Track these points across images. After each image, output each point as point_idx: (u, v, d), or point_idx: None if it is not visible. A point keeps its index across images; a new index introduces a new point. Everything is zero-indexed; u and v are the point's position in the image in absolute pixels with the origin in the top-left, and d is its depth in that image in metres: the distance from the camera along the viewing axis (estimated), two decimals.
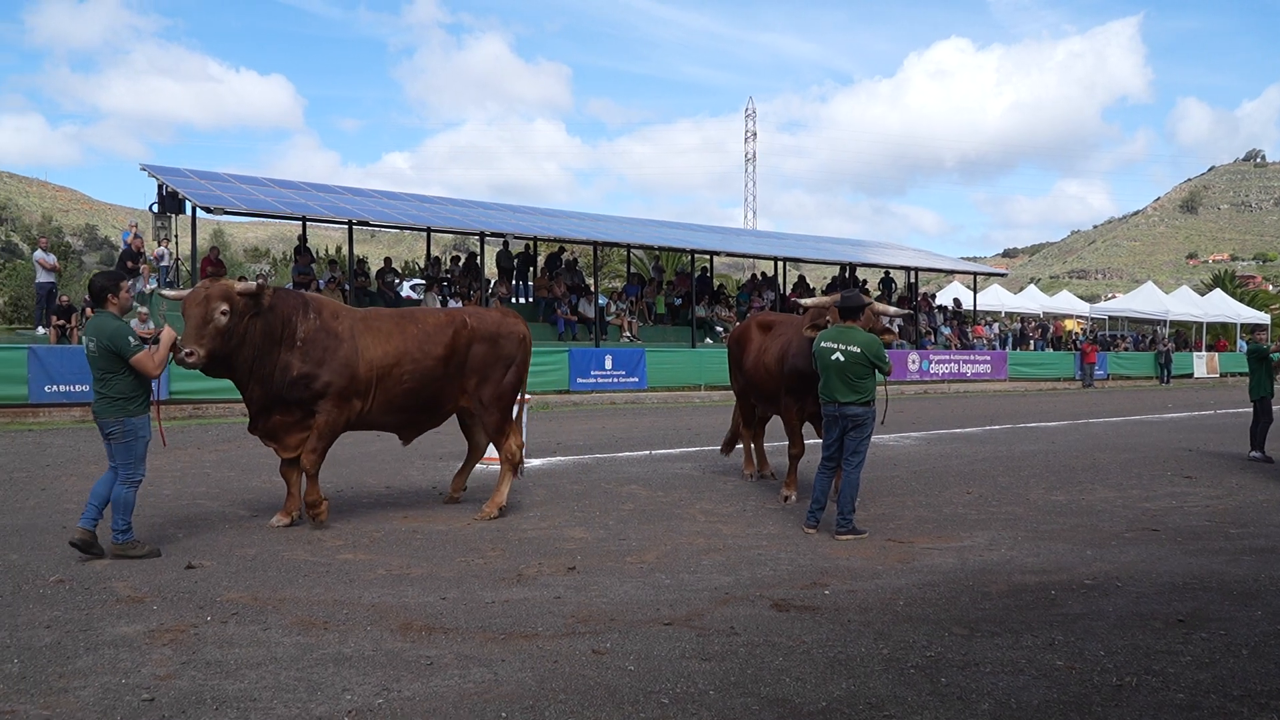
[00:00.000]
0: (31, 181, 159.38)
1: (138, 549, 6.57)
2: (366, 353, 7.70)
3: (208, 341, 6.94)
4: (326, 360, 7.51)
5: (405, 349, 7.92)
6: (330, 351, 7.54)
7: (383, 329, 7.93)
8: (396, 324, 8.07)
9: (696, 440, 14.45)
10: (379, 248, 65.42)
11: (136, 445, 6.56)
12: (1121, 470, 11.78)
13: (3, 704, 4.06)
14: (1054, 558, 7.09)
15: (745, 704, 4.19)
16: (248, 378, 7.41)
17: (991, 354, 32.96)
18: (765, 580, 6.33)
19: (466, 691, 4.28)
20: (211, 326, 6.96)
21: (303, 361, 7.45)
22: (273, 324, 7.36)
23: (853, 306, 7.87)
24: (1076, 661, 4.78)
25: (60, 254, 44.07)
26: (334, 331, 7.63)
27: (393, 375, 7.85)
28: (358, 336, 7.72)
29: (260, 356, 7.34)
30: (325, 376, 7.50)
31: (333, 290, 22.02)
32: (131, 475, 6.57)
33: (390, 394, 7.90)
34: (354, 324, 7.80)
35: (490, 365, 8.36)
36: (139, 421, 6.59)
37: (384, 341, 7.84)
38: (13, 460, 11.11)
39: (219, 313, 6.99)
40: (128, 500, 6.55)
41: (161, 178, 21.40)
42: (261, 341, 7.31)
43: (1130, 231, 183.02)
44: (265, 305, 7.27)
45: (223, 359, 7.16)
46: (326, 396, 7.53)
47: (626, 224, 31.71)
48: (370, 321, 7.96)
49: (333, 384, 7.52)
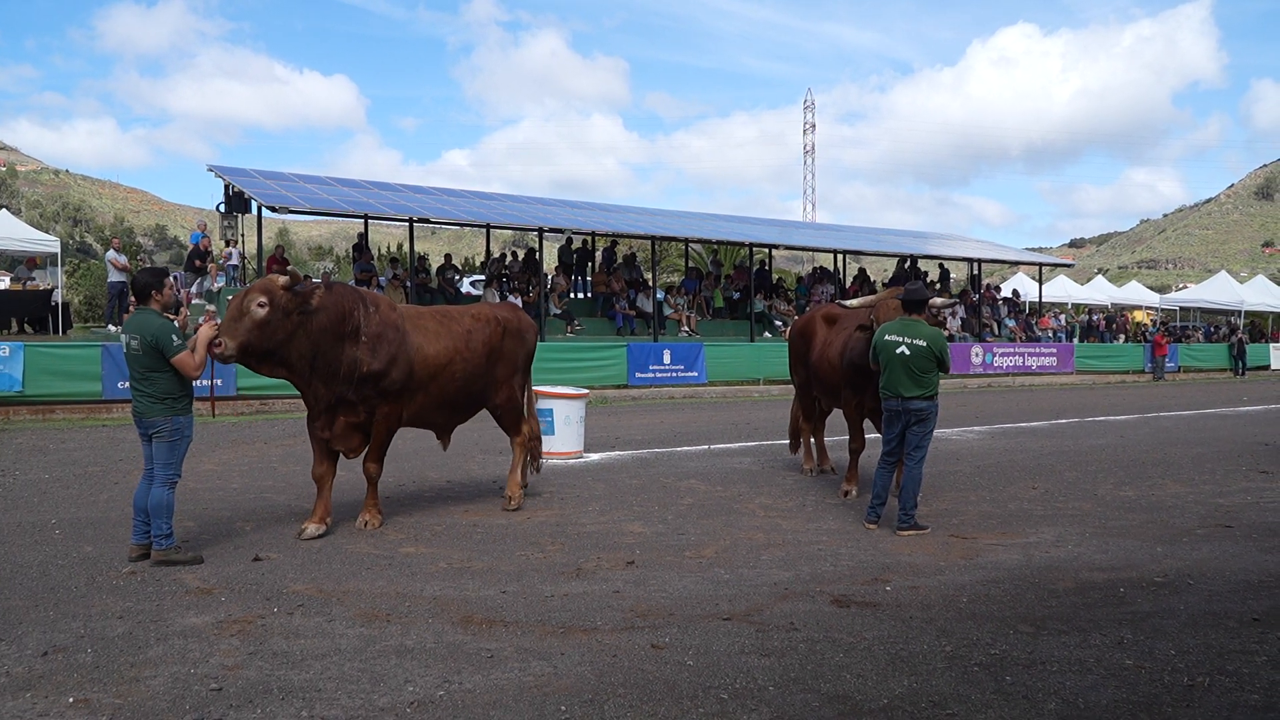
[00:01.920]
0: (104, 183, 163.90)
1: (181, 554, 6.43)
2: (421, 350, 7.67)
3: (241, 334, 6.65)
4: (396, 356, 7.44)
5: (457, 347, 7.95)
6: (398, 347, 7.47)
7: (430, 327, 7.88)
8: (441, 322, 8.04)
9: (755, 435, 14.38)
10: (439, 245, 66.20)
11: (180, 445, 6.45)
12: (1193, 465, 11.49)
13: (78, 692, 4.18)
14: (1123, 554, 6.94)
15: (805, 700, 4.16)
16: (308, 375, 7.16)
17: (1058, 346, 32.30)
18: (825, 576, 6.28)
19: (526, 684, 4.31)
20: (247, 319, 6.69)
21: (372, 357, 7.31)
22: (335, 318, 7.14)
23: (917, 300, 7.75)
24: (1146, 661, 4.68)
25: (131, 254, 45.19)
26: (396, 326, 7.55)
27: (446, 373, 7.86)
28: (412, 334, 7.67)
29: (322, 353, 7.12)
30: (393, 374, 7.42)
31: (395, 287, 22.28)
32: (171, 476, 6.42)
33: (444, 391, 7.92)
34: (407, 321, 7.75)
35: (519, 358, 8.68)
36: (186, 420, 6.49)
37: (435, 340, 7.81)
38: (87, 455, 11.43)
39: (255, 305, 6.72)
40: (168, 503, 6.38)
41: (228, 178, 21.85)
42: (321, 336, 7.06)
43: (1202, 220, 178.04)
44: (313, 300, 6.97)
45: (267, 353, 6.89)
46: (390, 395, 7.46)
47: (684, 218, 31.64)
48: (417, 320, 7.90)
49: (397, 381, 7.47)
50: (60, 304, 22.48)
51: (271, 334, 6.81)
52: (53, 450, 11.94)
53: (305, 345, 7.02)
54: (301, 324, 6.96)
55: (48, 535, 7.23)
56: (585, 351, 21.92)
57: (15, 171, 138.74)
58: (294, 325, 6.92)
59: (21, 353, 15.98)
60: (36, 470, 10.30)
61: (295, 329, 6.93)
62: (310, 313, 6.97)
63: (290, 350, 6.98)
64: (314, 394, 7.30)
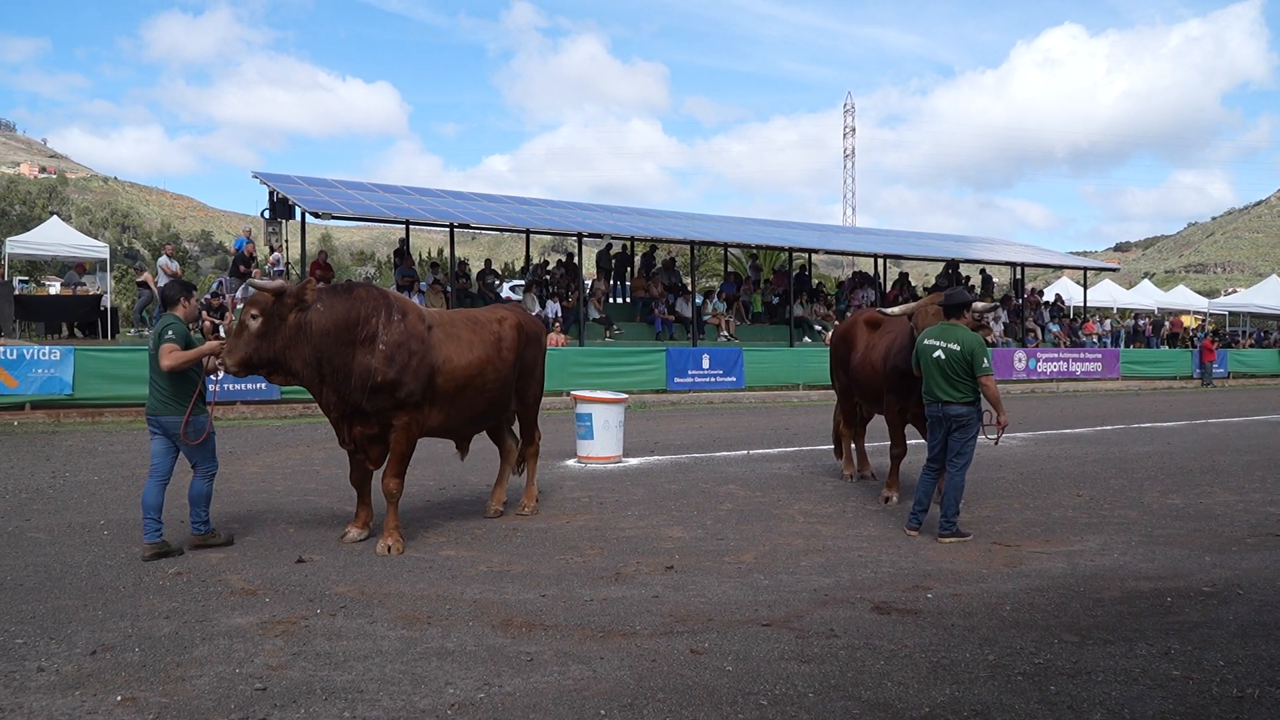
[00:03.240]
0: (151, 190, 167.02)
1: (217, 538, 7.01)
2: (449, 363, 7.31)
3: (240, 350, 6.75)
4: (415, 367, 7.03)
5: (488, 356, 7.68)
6: (420, 358, 7.07)
7: (463, 336, 7.55)
8: (473, 330, 7.71)
9: (795, 440, 14.32)
10: (479, 249, 66.51)
11: (208, 441, 6.85)
12: (1243, 472, 11.27)
13: (125, 691, 4.25)
14: (1170, 563, 6.82)
15: (845, 707, 4.13)
16: (317, 381, 6.95)
17: (1103, 352, 31.87)
18: (865, 582, 6.24)
19: (566, 688, 4.32)
20: (246, 334, 6.77)
21: (387, 366, 6.91)
22: (342, 322, 6.87)
23: (957, 304, 7.71)
24: (1194, 671, 4.59)
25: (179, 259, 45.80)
26: (421, 337, 7.15)
27: (475, 384, 7.56)
28: (441, 344, 7.31)
29: (328, 358, 6.85)
30: (409, 385, 7.01)
31: (436, 293, 22.47)
32: (209, 469, 6.93)
33: (472, 403, 7.65)
34: (436, 329, 7.36)
35: (537, 364, 8.53)
36: (203, 420, 6.85)
37: (467, 350, 7.49)
38: (136, 457, 11.62)
39: (249, 318, 6.78)
40: (206, 493, 6.91)
41: (272, 184, 22.14)
42: (324, 341, 6.81)
43: (1252, 223, 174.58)
44: (307, 295, 6.84)
45: (272, 363, 6.87)
46: (407, 408, 7.07)
47: (723, 223, 31.60)
48: (450, 328, 7.54)
49: (415, 393, 7.07)
50: (109, 309, 22.89)
51: (270, 344, 6.80)
52: (101, 452, 12.16)
53: (308, 351, 6.82)
54: (300, 328, 6.80)
55: (96, 536, 7.36)
56: (624, 356, 21.96)
57: (65, 179, 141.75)
58: (292, 330, 6.80)
59: (72, 356, 16.31)
60: (86, 472, 10.50)
61: (294, 334, 6.80)
62: (307, 312, 6.82)
63: (292, 357, 6.85)
64: (326, 402, 7.11)
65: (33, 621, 5.21)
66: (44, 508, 8.45)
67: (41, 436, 13.95)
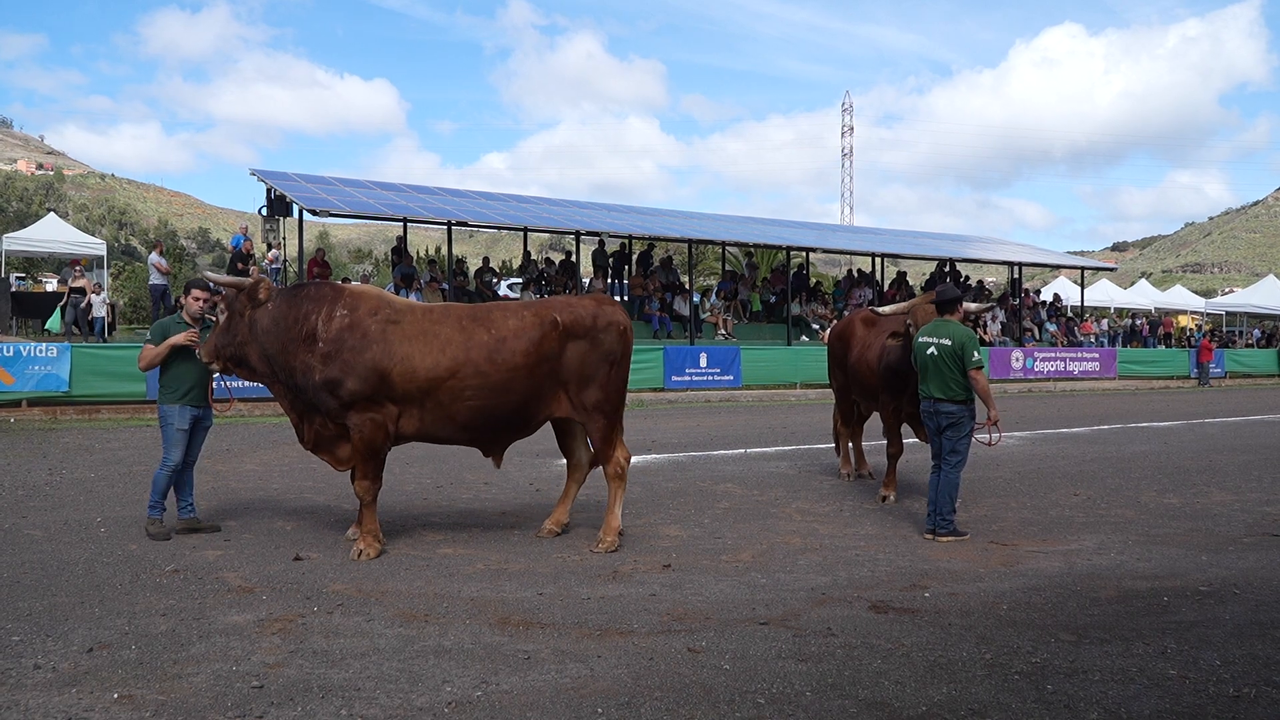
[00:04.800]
0: (149, 187, 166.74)
1: (156, 527, 7.21)
2: (407, 362, 6.67)
3: (209, 341, 7.10)
4: (353, 364, 6.60)
5: (467, 358, 6.77)
6: (360, 354, 6.62)
7: (440, 334, 6.81)
8: (461, 329, 6.89)
9: (792, 439, 14.32)
10: (477, 247, 66.53)
11: (166, 430, 7.24)
12: (1240, 472, 11.29)
13: (122, 688, 4.24)
14: (1167, 563, 6.83)
15: (842, 706, 4.13)
16: (271, 378, 7.01)
17: (1100, 351, 31.90)
18: (863, 581, 6.24)
19: (563, 686, 4.32)
20: (215, 327, 7.16)
21: (324, 365, 6.63)
22: (281, 321, 6.80)
23: (948, 299, 7.76)
24: (1191, 671, 4.60)
25: (175, 256, 45.84)
26: (365, 332, 6.68)
27: (447, 389, 6.75)
28: (400, 342, 6.70)
29: (272, 356, 6.85)
30: (349, 384, 6.60)
31: (433, 290, 22.46)
32: (164, 459, 7.27)
33: (450, 409, 6.83)
34: (400, 326, 6.79)
35: (591, 365, 7.14)
36: (167, 410, 7.24)
37: (435, 351, 6.74)
38: (132, 454, 11.61)
39: (220, 312, 7.17)
40: (157, 481, 7.28)
41: (270, 182, 22.14)
42: (265, 339, 6.83)
43: (1250, 223, 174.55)
44: (260, 294, 6.93)
45: (236, 359, 7.04)
46: (356, 407, 6.67)
47: (721, 221, 31.59)
48: (426, 325, 6.87)
49: (359, 392, 6.62)
50: (109, 305, 22.81)
51: (231, 339, 7.01)
52: (98, 449, 12.15)
53: (256, 348, 6.95)
54: (252, 325, 6.93)
55: (93, 533, 7.35)
56: None
57: (62, 176, 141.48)
58: (247, 327, 6.95)
59: (68, 354, 16.29)
60: (82, 469, 10.48)
61: (249, 331, 6.94)
62: (258, 310, 6.94)
63: (249, 353, 7.00)
64: (283, 400, 7.13)
65: (29, 619, 5.20)
66: (40, 505, 8.44)
67: (38, 433, 13.93)
